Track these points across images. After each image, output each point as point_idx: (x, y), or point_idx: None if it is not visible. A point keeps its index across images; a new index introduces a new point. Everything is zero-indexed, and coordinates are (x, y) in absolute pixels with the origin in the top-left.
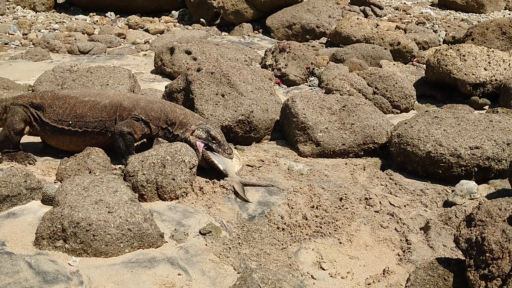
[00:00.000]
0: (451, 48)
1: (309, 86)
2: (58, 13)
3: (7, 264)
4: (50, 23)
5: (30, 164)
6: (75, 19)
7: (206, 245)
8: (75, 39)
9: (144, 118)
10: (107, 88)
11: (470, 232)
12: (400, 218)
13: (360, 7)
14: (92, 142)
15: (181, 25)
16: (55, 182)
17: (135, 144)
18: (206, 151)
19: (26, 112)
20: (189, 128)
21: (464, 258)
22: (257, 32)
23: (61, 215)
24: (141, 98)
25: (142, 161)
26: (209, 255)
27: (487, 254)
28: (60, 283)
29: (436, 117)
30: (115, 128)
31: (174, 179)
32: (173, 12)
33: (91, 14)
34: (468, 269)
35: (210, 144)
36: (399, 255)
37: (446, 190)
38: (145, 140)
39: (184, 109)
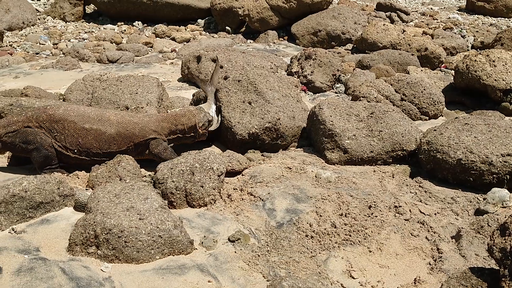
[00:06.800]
0: (480, 53)
1: (336, 93)
2: (87, 23)
3: (42, 269)
4: (79, 32)
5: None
6: (104, 28)
7: (235, 252)
8: (103, 48)
9: (159, 137)
10: (98, 108)
11: (504, 241)
12: (430, 227)
13: (386, 13)
14: None
15: (207, 33)
16: (86, 189)
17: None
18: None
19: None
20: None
21: (498, 268)
22: (282, 39)
23: (94, 222)
24: (146, 119)
25: (171, 169)
26: (239, 262)
27: None
28: None
29: (466, 123)
30: (158, 158)
31: (202, 186)
32: (199, 20)
33: (119, 23)
34: (503, 279)
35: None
36: (430, 264)
37: (478, 198)
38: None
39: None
